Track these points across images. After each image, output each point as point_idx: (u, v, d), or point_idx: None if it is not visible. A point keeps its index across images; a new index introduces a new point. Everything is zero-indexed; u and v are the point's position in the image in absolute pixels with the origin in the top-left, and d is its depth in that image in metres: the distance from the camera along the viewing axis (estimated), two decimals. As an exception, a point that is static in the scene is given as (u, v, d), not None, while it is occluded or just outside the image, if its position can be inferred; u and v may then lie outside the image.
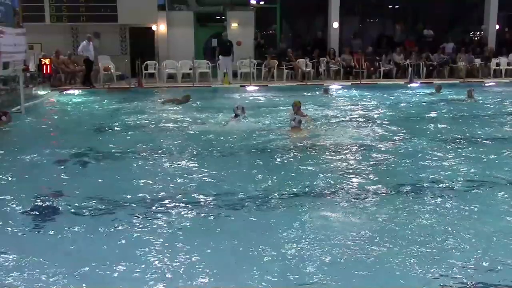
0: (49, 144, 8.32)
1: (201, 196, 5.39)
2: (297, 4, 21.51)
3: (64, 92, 15.67)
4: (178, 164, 6.90)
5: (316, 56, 19.26)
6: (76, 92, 15.78)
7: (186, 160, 7.07)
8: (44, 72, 15.73)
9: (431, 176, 6.14)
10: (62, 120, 11.41)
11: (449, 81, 18.09)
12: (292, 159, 7.08)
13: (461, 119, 10.91)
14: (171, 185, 5.91)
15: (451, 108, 12.32)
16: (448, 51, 20.12)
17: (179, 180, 6.11)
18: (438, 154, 7.35)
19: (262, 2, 21.65)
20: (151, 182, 5.95)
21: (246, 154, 7.52)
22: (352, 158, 7.19)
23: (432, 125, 9.95)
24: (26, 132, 9.60)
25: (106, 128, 9.89)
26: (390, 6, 23.70)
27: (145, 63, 18.33)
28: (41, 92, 14.76)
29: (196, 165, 6.81)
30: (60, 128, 10.43)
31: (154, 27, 19.52)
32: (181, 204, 5.16)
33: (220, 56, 17.94)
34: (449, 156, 7.24)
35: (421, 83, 17.87)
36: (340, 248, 4.10)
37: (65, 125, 10.70)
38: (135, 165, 6.86)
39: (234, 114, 9.76)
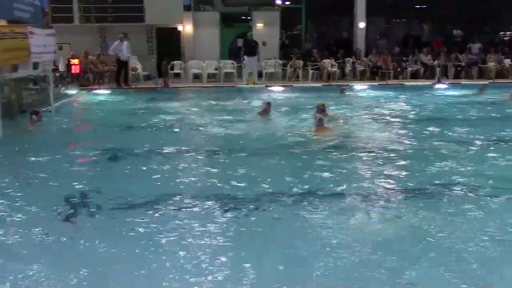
0: (78, 143, 8.48)
1: (226, 195, 5.42)
2: (323, 4, 21.43)
3: (92, 92, 15.93)
4: (205, 163, 6.97)
5: (341, 57, 19.16)
6: (104, 91, 16.03)
7: (213, 159, 7.11)
8: (73, 72, 16.04)
9: (465, 180, 5.98)
10: (90, 119, 11.60)
11: (478, 81, 17.75)
12: (315, 158, 7.04)
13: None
14: (197, 184, 5.97)
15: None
16: (474, 51, 19.76)
17: (205, 179, 6.15)
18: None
19: (287, 2, 21.66)
20: (177, 181, 6.01)
21: (270, 153, 7.51)
22: (379, 158, 7.09)
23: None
24: (55, 131, 9.80)
25: (134, 127, 10.00)
26: (417, 6, 23.44)
27: (171, 63, 18.50)
28: (70, 92, 15.03)
29: (223, 164, 6.85)
30: (88, 127, 10.62)
31: (180, 28, 19.69)
32: (207, 203, 5.18)
33: (245, 56, 17.98)
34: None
35: (449, 83, 17.61)
36: (366, 250, 4.07)
37: (93, 124, 10.88)
38: (162, 164, 6.90)
39: (260, 110, 10.53)
